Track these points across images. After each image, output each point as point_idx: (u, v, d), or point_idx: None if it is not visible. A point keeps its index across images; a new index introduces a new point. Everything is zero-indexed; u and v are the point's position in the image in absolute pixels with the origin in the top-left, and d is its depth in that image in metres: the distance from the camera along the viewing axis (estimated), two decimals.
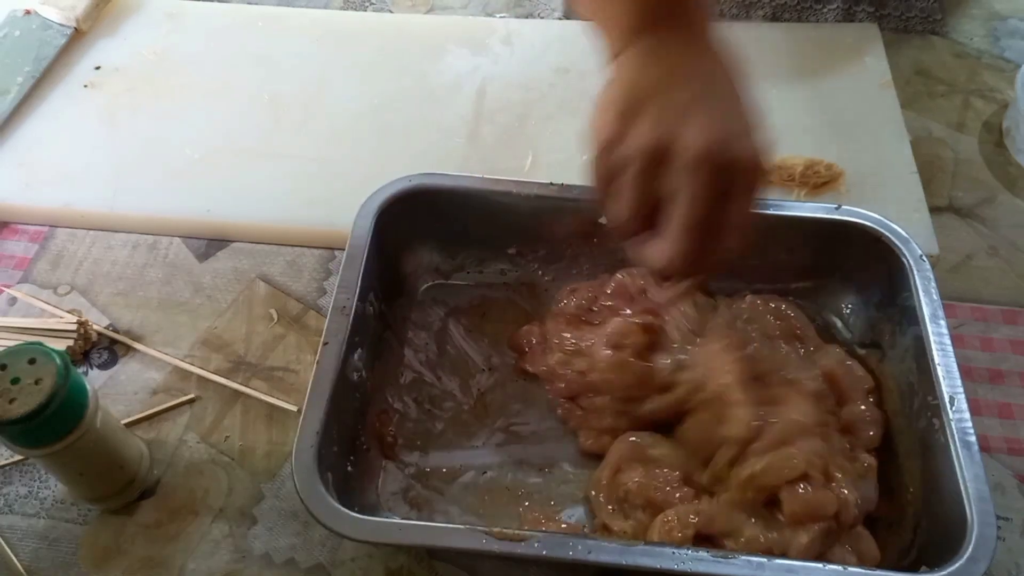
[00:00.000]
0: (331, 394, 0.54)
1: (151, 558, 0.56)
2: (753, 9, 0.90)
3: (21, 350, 0.50)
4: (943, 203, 0.73)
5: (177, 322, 0.68)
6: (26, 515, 0.58)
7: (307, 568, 0.56)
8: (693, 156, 0.46)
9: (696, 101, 0.48)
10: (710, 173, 0.47)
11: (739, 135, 0.48)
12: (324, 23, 0.90)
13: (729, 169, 0.47)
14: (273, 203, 0.74)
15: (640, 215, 0.50)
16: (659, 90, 0.49)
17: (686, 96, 0.48)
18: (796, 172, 0.72)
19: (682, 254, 0.49)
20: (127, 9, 0.91)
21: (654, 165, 0.48)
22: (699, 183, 0.47)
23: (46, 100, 0.82)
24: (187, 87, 0.83)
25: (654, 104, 0.48)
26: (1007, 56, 0.86)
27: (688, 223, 0.48)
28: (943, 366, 0.54)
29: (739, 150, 0.47)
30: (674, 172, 0.47)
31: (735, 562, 0.47)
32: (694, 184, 0.47)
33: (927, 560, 0.50)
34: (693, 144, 0.46)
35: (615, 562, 0.48)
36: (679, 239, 0.48)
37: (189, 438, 0.62)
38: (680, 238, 0.48)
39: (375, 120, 0.80)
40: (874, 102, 0.80)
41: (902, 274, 0.59)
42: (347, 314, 0.57)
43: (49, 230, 0.74)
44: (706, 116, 0.47)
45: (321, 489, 0.50)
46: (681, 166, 0.47)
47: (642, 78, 0.50)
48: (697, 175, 0.47)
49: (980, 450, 0.51)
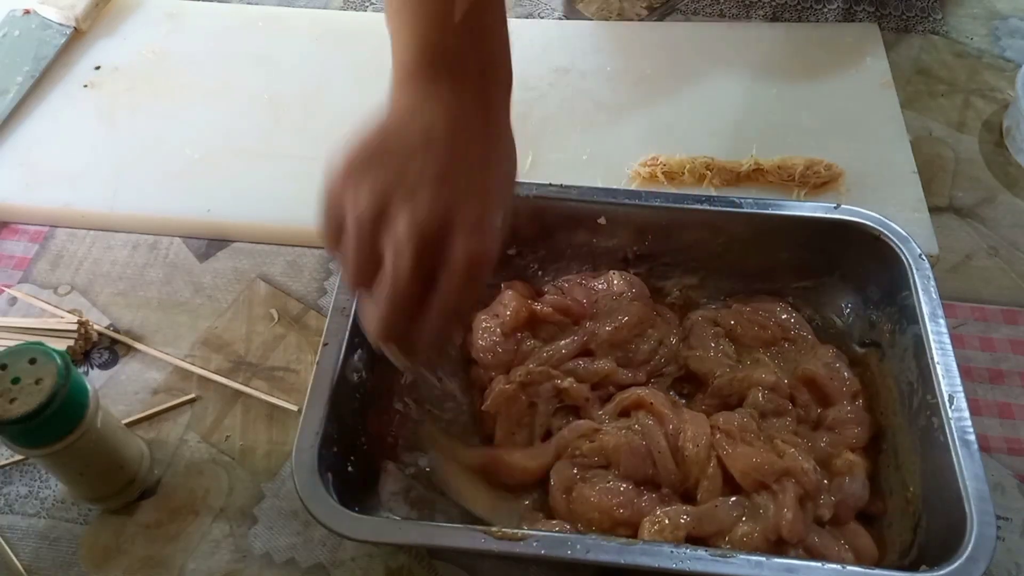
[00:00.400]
0: (331, 395, 0.54)
1: (151, 558, 0.56)
2: (753, 9, 0.90)
3: (22, 350, 0.50)
4: (943, 203, 0.73)
5: (177, 322, 0.68)
6: (26, 515, 0.58)
7: (307, 567, 0.56)
8: (400, 232, 0.45)
9: (432, 175, 0.46)
10: (414, 253, 0.45)
11: (464, 221, 0.45)
12: (324, 23, 0.90)
13: (439, 253, 0.45)
14: (273, 203, 0.74)
15: (361, 273, 0.47)
16: (400, 151, 0.47)
17: (424, 166, 0.46)
18: (796, 172, 0.72)
19: (383, 324, 0.47)
20: (127, 9, 0.91)
21: (369, 231, 0.46)
22: (402, 260, 0.45)
23: (46, 100, 0.82)
24: (187, 87, 0.83)
25: (385, 167, 0.46)
26: (1007, 55, 0.86)
27: (388, 296, 0.46)
28: (942, 365, 0.54)
29: (457, 237, 0.45)
30: (386, 241, 0.46)
31: (734, 561, 0.47)
32: (397, 260, 0.45)
33: (927, 559, 0.50)
34: (404, 220, 0.45)
35: (614, 561, 0.48)
36: (380, 308, 0.47)
37: (190, 438, 0.62)
38: (381, 307, 0.47)
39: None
40: (874, 102, 0.80)
41: (901, 273, 0.59)
42: (347, 315, 0.57)
43: (49, 230, 0.74)
44: (431, 193, 0.45)
45: (322, 490, 0.50)
46: (389, 239, 0.45)
47: (391, 131, 0.48)
48: (401, 252, 0.45)
49: (980, 450, 0.51)
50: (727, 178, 0.73)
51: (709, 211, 0.63)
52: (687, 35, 0.87)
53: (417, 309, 0.47)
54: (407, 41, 0.50)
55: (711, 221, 0.63)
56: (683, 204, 0.63)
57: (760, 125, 0.78)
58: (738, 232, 0.64)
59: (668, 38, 0.87)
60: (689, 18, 0.90)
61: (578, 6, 0.92)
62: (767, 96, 0.81)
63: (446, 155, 0.47)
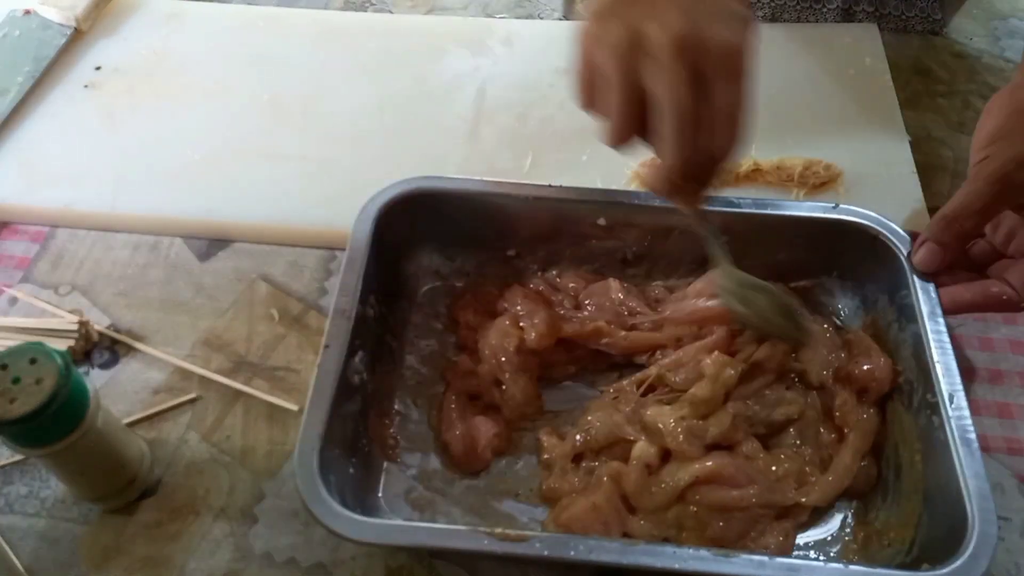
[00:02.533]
0: (333, 397, 0.54)
1: (152, 558, 0.56)
2: (753, 9, 0.90)
3: (22, 350, 0.50)
4: (943, 203, 0.73)
5: (178, 322, 0.68)
6: (26, 515, 0.58)
7: (308, 567, 0.56)
8: (662, 46, 0.46)
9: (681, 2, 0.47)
10: (683, 60, 0.46)
11: (712, 20, 0.47)
12: (324, 23, 0.90)
13: (704, 54, 0.46)
14: (274, 203, 0.74)
15: (626, 117, 0.48)
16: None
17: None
18: (795, 172, 0.72)
19: (678, 153, 0.48)
20: (127, 9, 0.91)
21: (629, 62, 0.47)
22: (674, 73, 0.46)
23: (46, 100, 0.82)
24: (187, 87, 0.83)
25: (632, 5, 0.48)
26: (1007, 56, 0.86)
27: (674, 118, 0.47)
28: (942, 364, 0.54)
29: (712, 33, 0.46)
30: (651, 68, 0.47)
31: (736, 561, 0.47)
32: (670, 75, 0.46)
33: (928, 558, 0.50)
34: (662, 34, 0.46)
35: (616, 562, 0.48)
36: (671, 138, 0.47)
37: (190, 437, 0.62)
38: (672, 136, 0.47)
39: (375, 120, 0.80)
40: (874, 102, 0.80)
41: (900, 273, 0.59)
42: (348, 317, 0.57)
43: (50, 230, 0.74)
44: (681, 10, 0.46)
45: (324, 492, 0.50)
46: (654, 59, 0.46)
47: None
48: (671, 65, 0.46)
49: (980, 450, 0.51)
50: (726, 178, 0.73)
51: (708, 212, 0.63)
52: None
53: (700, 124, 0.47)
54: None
55: None
56: None
57: (759, 125, 0.78)
58: (737, 232, 0.64)
59: None
60: None
61: (578, 6, 0.92)
62: (767, 96, 0.80)
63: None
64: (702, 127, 0.48)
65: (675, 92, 0.47)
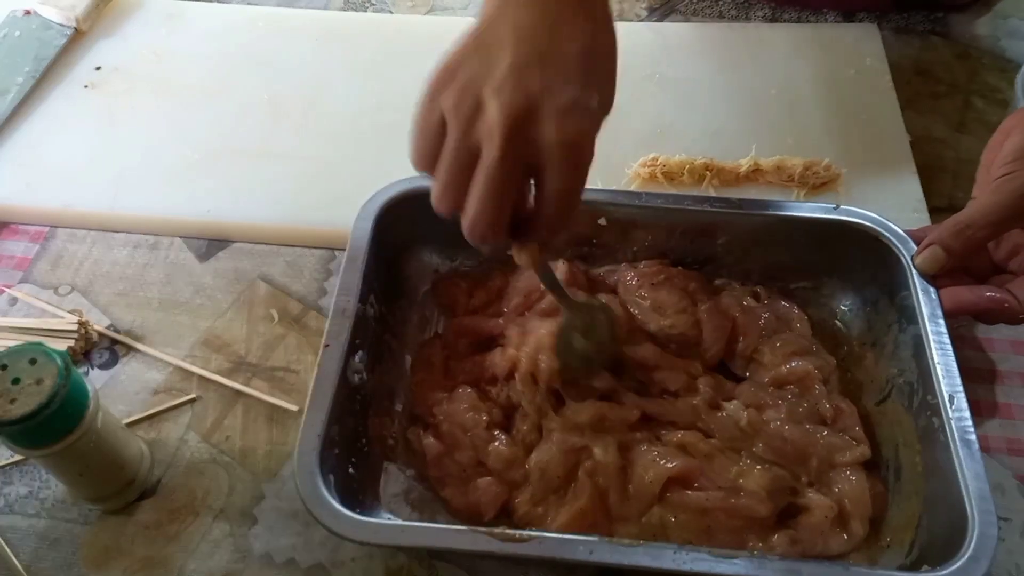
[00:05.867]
0: (332, 397, 0.54)
1: (151, 558, 0.56)
2: (753, 10, 0.90)
3: (22, 350, 0.50)
4: (943, 203, 0.73)
5: (178, 322, 0.68)
6: (26, 515, 0.58)
7: (307, 568, 0.56)
8: (490, 118, 0.45)
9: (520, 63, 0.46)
10: (504, 135, 0.45)
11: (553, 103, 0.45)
12: (324, 23, 0.90)
13: (534, 142, 0.45)
14: (273, 203, 0.74)
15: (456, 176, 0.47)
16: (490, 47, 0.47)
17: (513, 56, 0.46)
18: (795, 173, 0.72)
19: (478, 219, 0.47)
20: (127, 9, 0.91)
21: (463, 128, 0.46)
22: (492, 145, 0.45)
23: (46, 100, 0.82)
24: (187, 87, 0.83)
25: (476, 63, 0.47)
26: (1008, 56, 0.86)
27: (482, 186, 0.46)
28: (942, 365, 0.54)
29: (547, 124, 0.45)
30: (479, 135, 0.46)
31: (737, 562, 0.47)
32: (488, 146, 0.45)
33: (928, 559, 0.50)
34: (493, 107, 0.45)
35: (617, 562, 0.48)
36: (475, 203, 0.47)
37: (190, 438, 0.62)
38: (476, 202, 0.47)
39: (375, 120, 0.80)
40: (874, 102, 0.80)
41: (901, 273, 0.59)
42: (348, 317, 0.57)
43: (49, 230, 0.74)
44: (519, 79, 0.45)
45: (324, 492, 0.50)
46: (482, 129, 0.46)
47: (481, 32, 0.49)
48: (491, 136, 0.45)
49: (980, 451, 0.51)
50: (726, 179, 0.73)
51: (709, 212, 0.63)
52: (687, 35, 0.87)
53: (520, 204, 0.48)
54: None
55: (711, 222, 0.64)
56: (683, 205, 0.63)
57: (760, 125, 0.78)
58: (737, 233, 0.64)
59: (668, 38, 0.87)
60: (689, 19, 0.90)
61: None
62: (767, 96, 0.81)
63: (534, 44, 0.47)
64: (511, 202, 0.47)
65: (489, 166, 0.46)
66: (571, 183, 0.47)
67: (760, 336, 0.62)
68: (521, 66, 0.46)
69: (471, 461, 0.57)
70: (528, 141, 0.45)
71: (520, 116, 0.45)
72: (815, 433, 0.57)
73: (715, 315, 0.62)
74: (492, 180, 0.46)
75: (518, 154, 0.46)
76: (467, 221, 0.48)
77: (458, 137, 0.46)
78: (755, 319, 0.62)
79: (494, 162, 0.45)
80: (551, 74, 0.46)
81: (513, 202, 0.48)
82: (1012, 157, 0.55)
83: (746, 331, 0.62)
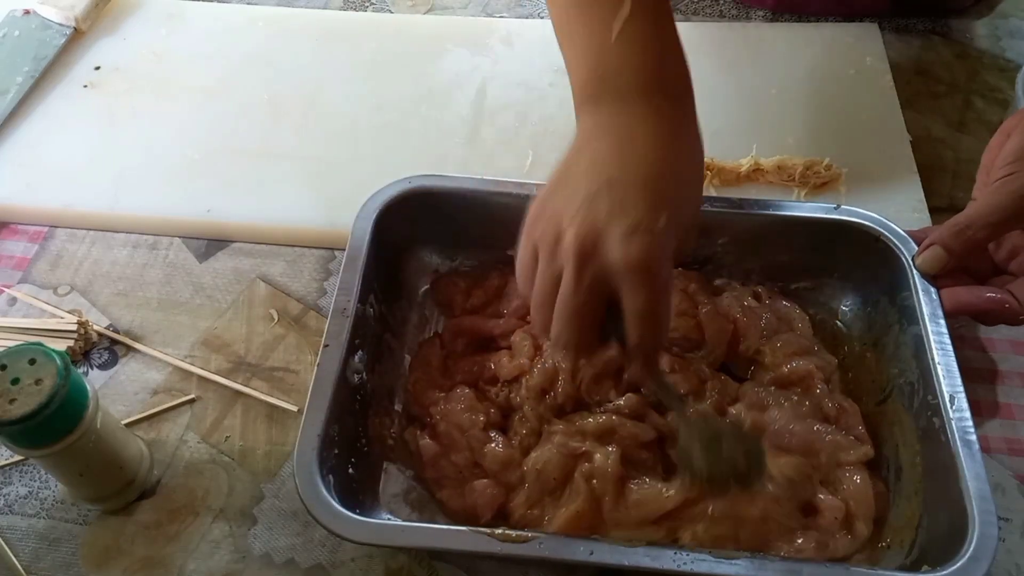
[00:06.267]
0: (332, 397, 0.54)
1: (151, 558, 0.56)
2: (753, 10, 0.90)
3: (21, 350, 0.50)
4: (943, 203, 0.73)
5: (177, 322, 0.68)
6: (26, 515, 0.58)
7: (307, 568, 0.56)
8: (564, 246, 0.48)
9: (590, 193, 0.49)
10: (576, 263, 0.48)
11: (616, 229, 0.47)
12: (324, 23, 0.90)
13: (604, 265, 0.48)
14: (273, 203, 0.74)
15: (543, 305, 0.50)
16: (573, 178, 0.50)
17: (587, 186, 0.49)
18: (796, 172, 0.72)
19: (560, 337, 0.50)
20: (127, 9, 0.91)
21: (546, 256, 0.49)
22: (568, 272, 0.48)
23: (46, 100, 0.82)
24: (187, 87, 0.83)
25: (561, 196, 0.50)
26: (1008, 56, 0.86)
27: (560, 312, 0.49)
28: (943, 365, 0.54)
29: (611, 248, 0.47)
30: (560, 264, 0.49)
31: (737, 562, 0.47)
32: (565, 273, 0.48)
33: (929, 559, 0.50)
34: (570, 241, 0.48)
35: (617, 563, 0.48)
36: (556, 323, 0.50)
37: (189, 438, 0.62)
38: (557, 322, 0.50)
39: (375, 120, 0.80)
40: (874, 102, 0.80)
41: (902, 273, 0.59)
42: (347, 316, 0.57)
43: (49, 230, 0.74)
44: (586, 208, 0.48)
45: (323, 492, 0.50)
46: (561, 259, 0.49)
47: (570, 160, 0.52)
48: (566, 264, 0.48)
49: (980, 451, 0.51)
50: (727, 178, 0.73)
51: (709, 212, 0.63)
52: (687, 35, 0.85)
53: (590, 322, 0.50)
54: (574, 63, 0.55)
55: (711, 222, 0.63)
56: None
57: (760, 125, 0.78)
58: (738, 233, 0.64)
59: None
60: (689, 18, 0.90)
61: None
62: (767, 96, 0.81)
63: (605, 173, 0.49)
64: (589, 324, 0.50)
65: (564, 297, 0.49)
66: (647, 304, 0.48)
67: (761, 337, 0.62)
68: (592, 195, 0.49)
69: (467, 462, 0.57)
70: (602, 267, 0.48)
71: (588, 243, 0.48)
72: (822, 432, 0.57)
73: (716, 318, 0.61)
74: (568, 304, 0.49)
75: (593, 279, 0.48)
76: (553, 339, 0.51)
77: (544, 265, 0.50)
78: (756, 320, 0.62)
79: (569, 288, 0.48)
80: (617, 200, 0.48)
81: (595, 321, 0.50)
82: (1012, 158, 0.55)
83: (747, 333, 0.62)
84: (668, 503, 0.53)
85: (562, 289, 0.49)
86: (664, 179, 0.50)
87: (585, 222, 0.48)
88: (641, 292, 0.48)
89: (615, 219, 0.47)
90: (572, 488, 0.55)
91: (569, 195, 0.49)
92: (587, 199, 0.48)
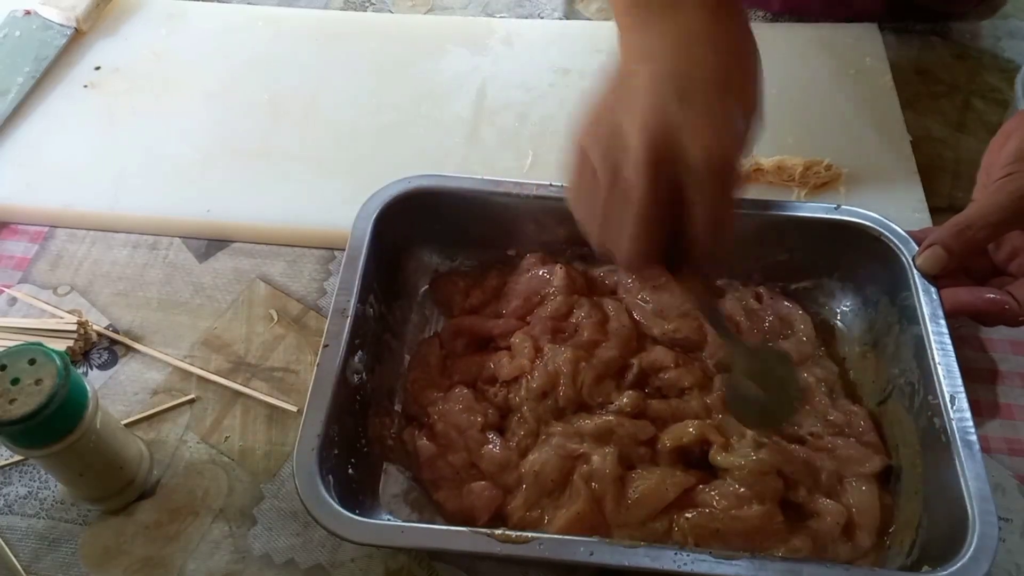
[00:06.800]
0: (332, 397, 0.54)
1: (151, 558, 0.56)
2: (753, 10, 0.89)
3: (21, 350, 0.50)
4: (943, 203, 0.73)
5: (177, 322, 0.68)
6: (26, 515, 0.58)
7: (307, 568, 0.56)
8: (631, 145, 0.46)
9: (652, 89, 0.47)
10: (647, 161, 0.45)
11: (694, 122, 0.46)
12: (324, 23, 0.90)
13: (677, 164, 0.46)
14: (273, 203, 0.73)
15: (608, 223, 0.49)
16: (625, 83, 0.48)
17: (645, 83, 0.47)
18: (796, 172, 0.72)
19: (632, 252, 0.48)
20: (127, 9, 0.91)
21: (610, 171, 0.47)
22: (638, 173, 0.46)
23: (46, 100, 0.82)
24: (187, 87, 0.83)
25: (614, 100, 0.48)
26: (1007, 56, 0.86)
27: (632, 215, 0.47)
28: (943, 365, 0.54)
29: (688, 139, 0.45)
30: (626, 168, 0.47)
31: (737, 563, 0.47)
32: (634, 174, 0.46)
33: (929, 559, 0.50)
34: (632, 133, 0.46)
35: (617, 563, 0.48)
36: (626, 238, 0.48)
37: (189, 438, 0.62)
38: (627, 237, 0.48)
39: (375, 120, 0.80)
40: (874, 102, 0.80)
41: (902, 273, 0.59)
42: (347, 316, 0.57)
43: (49, 230, 0.74)
44: (653, 102, 0.46)
45: (323, 492, 0.50)
46: (628, 170, 0.46)
47: (620, 72, 0.50)
48: (635, 164, 0.46)
49: (981, 451, 0.51)
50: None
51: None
52: None
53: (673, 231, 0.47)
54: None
55: None
56: None
57: None
58: (738, 233, 0.64)
59: None
60: None
61: (578, 6, 0.92)
62: (767, 96, 0.80)
63: (671, 81, 0.47)
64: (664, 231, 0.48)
65: (637, 205, 0.46)
66: (720, 209, 0.47)
67: (763, 340, 0.62)
68: (659, 101, 0.46)
69: (464, 463, 0.57)
70: (673, 171, 0.46)
71: (662, 145, 0.45)
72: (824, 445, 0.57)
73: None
74: (641, 214, 0.46)
75: (664, 185, 0.46)
76: (621, 255, 0.48)
77: (609, 181, 0.47)
78: (758, 323, 0.62)
79: (642, 196, 0.46)
80: (687, 98, 0.46)
81: (664, 233, 0.48)
82: (1013, 159, 0.55)
83: (748, 336, 0.62)
84: (669, 494, 0.53)
85: (633, 200, 0.46)
86: (732, 74, 0.49)
87: (655, 121, 0.45)
88: (715, 194, 0.46)
89: (689, 116, 0.45)
90: (571, 490, 0.55)
91: (631, 106, 0.47)
92: (654, 100, 0.46)
